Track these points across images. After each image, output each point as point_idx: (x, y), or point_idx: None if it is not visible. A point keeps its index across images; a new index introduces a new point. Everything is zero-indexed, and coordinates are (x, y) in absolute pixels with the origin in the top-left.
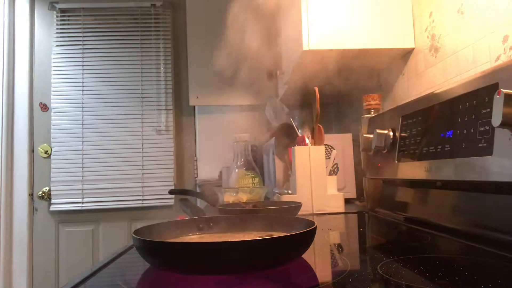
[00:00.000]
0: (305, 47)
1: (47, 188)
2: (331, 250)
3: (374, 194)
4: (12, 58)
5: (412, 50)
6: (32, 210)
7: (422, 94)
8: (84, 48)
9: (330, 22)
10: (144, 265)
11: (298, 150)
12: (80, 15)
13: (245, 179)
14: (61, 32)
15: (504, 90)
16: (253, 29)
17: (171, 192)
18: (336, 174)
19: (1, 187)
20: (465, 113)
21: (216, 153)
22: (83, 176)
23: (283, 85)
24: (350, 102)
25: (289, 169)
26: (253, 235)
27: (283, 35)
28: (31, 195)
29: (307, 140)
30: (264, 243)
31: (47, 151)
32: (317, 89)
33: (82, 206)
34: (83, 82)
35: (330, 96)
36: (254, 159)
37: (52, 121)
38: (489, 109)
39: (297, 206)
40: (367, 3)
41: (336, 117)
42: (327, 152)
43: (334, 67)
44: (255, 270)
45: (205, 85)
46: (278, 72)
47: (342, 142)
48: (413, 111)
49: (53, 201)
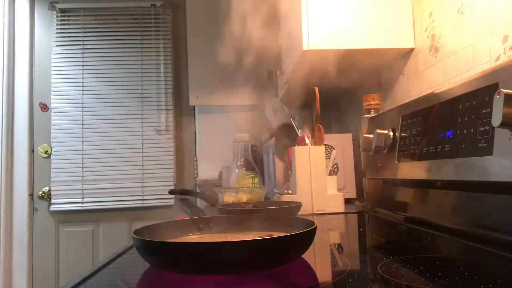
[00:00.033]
0: (305, 47)
1: (47, 188)
2: (331, 250)
3: (374, 194)
4: (12, 58)
5: (412, 50)
6: (32, 210)
7: (422, 94)
8: (84, 48)
9: (330, 22)
10: (144, 265)
11: (298, 150)
12: (80, 15)
13: (245, 179)
14: (61, 32)
15: (504, 90)
16: (254, 17)
17: (171, 192)
18: (336, 174)
19: (1, 187)
20: (465, 113)
21: (216, 153)
22: (83, 176)
23: (283, 85)
24: (350, 102)
25: (289, 169)
26: (253, 235)
27: (283, 35)
28: (31, 195)
29: (307, 140)
30: (264, 243)
31: (47, 151)
32: (317, 89)
33: (82, 206)
34: (83, 82)
35: (330, 96)
36: (254, 159)
37: (52, 121)
38: (489, 109)
39: (297, 206)
40: (367, 3)
41: (336, 117)
42: (327, 152)
43: (334, 67)
44: (255, 270)
45: (205, 85)
46: (278, 72)
47: (342, 142)
48: (413, 111)
49: (53, 201)
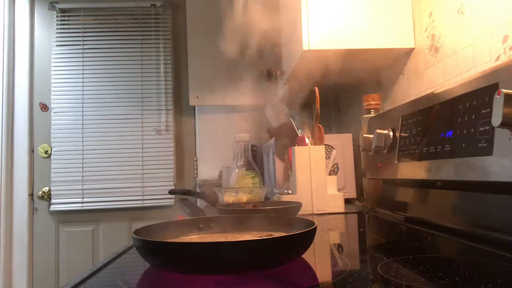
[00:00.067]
0: (305, 47)
1: (47, 188)
2: (331, 250)
3: (374, 194)
4: (12, 58)
5: (412, 50)
6: (32, 210)
7: (422, 94)
8: (84, 48)
9: (330, 22)
10: (144, 265)
11: (298, 150)
12: (80, 15)
13: (245, 179)
14: (61, 32)
15: (504, 90)
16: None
17: (171, 192)
18: (336, 174)
19: (1, 187)
20: (465, 113)
21: (216, 153)
22: (83, 176)
23: (283, 85)
24: (350, 102)
25: (289, 169)
26: (253, 235)
27: (283, 35)
28: (31, 195)
29: (307, 140)
30: (264, 243)
31: (47, 151)
32: (317, 89)
33: (82, 206)
34: (83, 82)
35: (330, 96)
36: (254, 159)
37: (52, 121)
38: (489, 109)
39: (297, 206)
40: (367, 3)
41: (336, 117)
42: (327, 152)
43: (334, 67)
44: (255, 270)
45: (205, 85)
46: (278, 72)
47: (342, 142)
48: (413, 111)
49: (53, 201)
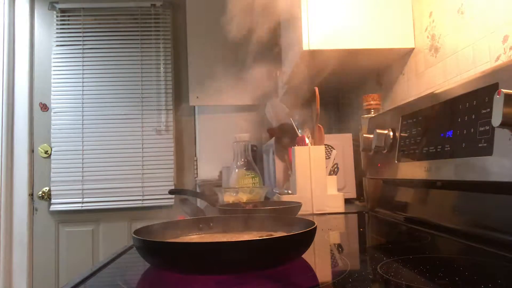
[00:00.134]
0: (305, 47)
1: (47, 188)
2: (331, 250)
3: (374, 194)
4: (12, 58)
5: (412, 50)
6: (32, 210)
7: (422, 94)
8: (84, 48)
9: (330, 22)
10: (144, 265)
11: (298, 150)
12: (80, 15)
13: (245, 179)
14: (61, 32)
15: (504, 90)
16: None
17: (171, 192)
18: (336, 174)
19: (1, 187)
20: (465, 113)
21: (216, 153)
22: (83, 176)
23: (283, 85)
24: (350, 102)
25: (289, 169)
26: (253, 235)
27: (283, 35)
28: (31, 195)
29: (307, 140)
30: (264, 243)
31: (47, 151)
32: (317, 89)
33: (82, 206)
34: (83, 82)
35: (330, 96)
36: (254, 159)
37: (52, 121)
38: (489, 109)
39: (297, 206)
40: (367, 3)
41: (336, 117)
42: (327, 152)
43: (334, 67)
44: (255, 270)
45: (205, 85)
46: (278, 72)
47: (342, 142)
48: (413, 111)
49: (53, 201)
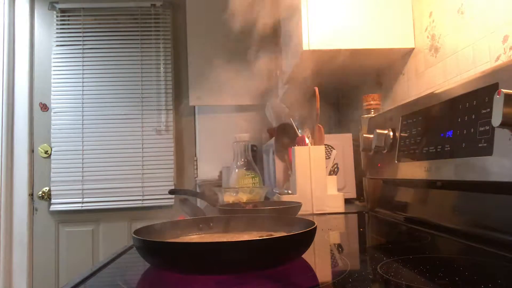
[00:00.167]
0: (305, 47)
1: (47, 188)
2: (331, 250)
3: (374, 194)
4: (12, 58)
5: (412, 50)
6: (32, 210)
7: (422, 94)
8: (84, 48)
9: (330, 22)
10: (144, 265)
11: (298, 150)
12: (80, 15)
13: (245, 179)
14: (61, 32)
15: (504, 90)
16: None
17: (171, 192)
18: (336, 174)
19: (1, 187)
20: (465, 113)
21: (216, 153)
22: (83, 176)
23: (283, 85)
24: (350, 102)
25: (289, 169)
26: (253, 235)
27: (283, 35)
28: (31, 195)
29: (307, 140)
30: (264, 243)
31: (47, 151)
32: (317, 89)
33: (82, 206)
34: (83, 82)
35: (330, 96)
36: (254, 159)
37: (52, 121)
38: (489, 109)
39: (297, 206)
40: (367, 3)
41: (336, 117)
42: (327, 152)
43: (334, 67)
44: (255, 270)
45: (205, 85)
46: (278, 72)
47: (342, 142)
48: (413, 111)
49: (53, 201)
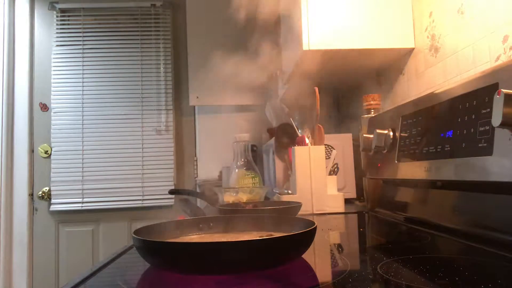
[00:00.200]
0: (305, 47)
1: (47, 188)
2: (331, 250)
3: (374, 194)
4: (12, 58)
5: (412, 50)
6: (32, 210)
7: (422, 94)
8: (84, 48)
9: (330, 22)
10: (144, 265)
11: (298, 150)
12: (80, 15)
13: (245, 179)
14: (61, 32)
15: (504, 90)
16: None
17: (171, 192)
18: (336, 174)
19: (1, 187)
20: (465, 113)
21: (216, 153)
22: (83, 176)
23: (283, 85)
24: (350, 102)
25: (289, 169)
26: (253, 235)
27: (283, 35)
28: (31, 195)
29: (307, 140)
30: (264, 243)
31: (47, 151)
32: (317, 89)
33: (82, 206)
34: (83, 82)
35: (330, 96)
36: (254, 159)
37: (52, 121)
38: (489, 109)
39: (297, 206)
40: (367, 3)
41: (336, 117)
42: (327, 152)
43: (334, 67)
44: (255, 270)
45: (205, 85)
46: (278, 72)
47: (342, 142)
48: (413, 111)
49: (53, 201)
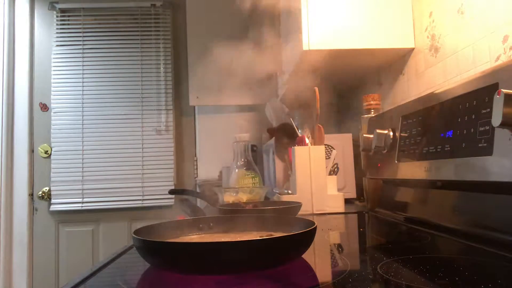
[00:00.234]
0: (305, 47)
1: (47, 188)
2: (331, 250)
3: (374, 194)
4: (12, 58)
5: (412, 50)
6: (32, 210)
7: (422, 94)
8: (84, 48)
9: (330, 22)
10: (144, 265)
11: (298, 150)
12: (80, 15)
13: (245, 179)
14: (61, 32)
15: (504, 90)
16: None
17: (171, 192)
18: (336, 174)
19: (1, 187)
20: (465, 113)
21: (216, 153)
22: (83, 176)
23: (283, 85)
24: (350, 102)
25: (289, 169)
26: (253, 235)
27: (283, 35)
28: (31, 195)
29: (307, 140)
30: (264, 243)
31: (47, 151)
32: (317, 89)
33: (82, 206)
34: (83, 82)
35: (330, 96)
36: (254, 159)
37: (52, 121)
38: (489, 109)
39: (297, 206)
40: (367, 3)
41: (336, 117)
42: (327, 152)
43: (334, 67)
44: (255, 270)
45: (205, 85)
46: (278, 72)
47: (342, 142)
48: (413, 111)
49: (53, 201)
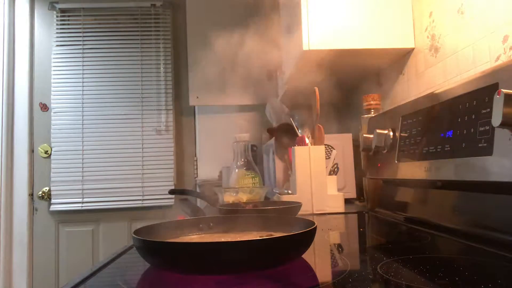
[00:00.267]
0: (305, 47)
1: (47, 188)
2: (331, 250)
3: (374, 194)
4: (12, 58)
5: (412, 50)
6: (32, 210)
7: (422, 94)
8: (84, 48)
9: (330, 22)
10: (144, 265)
11: (298, 150)
12: (80, 15)
13: (245, 179)
14: (61, 32)
15: (504, 90)
16: None
17: (171, 192)
18: (336, 174)
19: (1, 187)
20: (465, 113)
21: (216, 153)
22: (83, 176)
23: (283, 85)
24: (350, 102)
25: (289, 169)
26: (253, 235)
27: (283, 35)
28: (31, 195)
29: (307, 140)
30: (264, 243)
31: (47, 151)
32: (317, 89)
33: (82, 206)
34: (83, 82)
35: (330, 96)
36: (254, 159)
37: (52, 121)
38: (489, 109)
39: (297, 206)
40: (367, 3)
41: (336, 117)
42: (327, 152)
43: (334, 67)
44: (255, 270)
45: (205, 85)
46: (278, 72)
47: (342, 142)
48: (413, 111)
49: (53, 201)
